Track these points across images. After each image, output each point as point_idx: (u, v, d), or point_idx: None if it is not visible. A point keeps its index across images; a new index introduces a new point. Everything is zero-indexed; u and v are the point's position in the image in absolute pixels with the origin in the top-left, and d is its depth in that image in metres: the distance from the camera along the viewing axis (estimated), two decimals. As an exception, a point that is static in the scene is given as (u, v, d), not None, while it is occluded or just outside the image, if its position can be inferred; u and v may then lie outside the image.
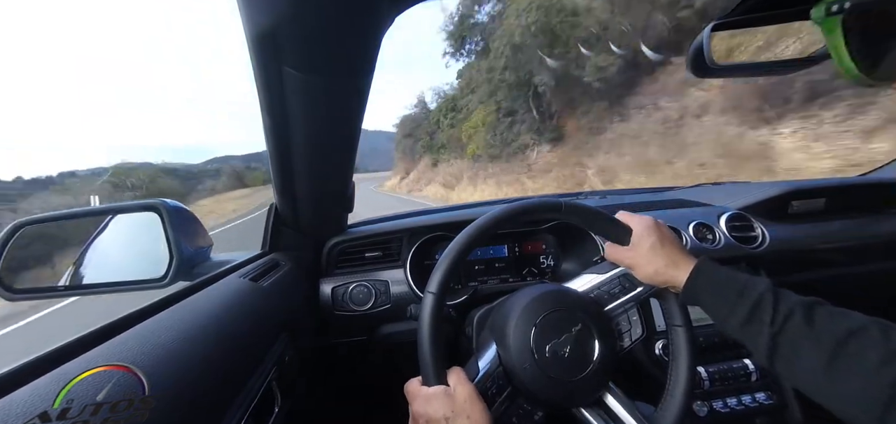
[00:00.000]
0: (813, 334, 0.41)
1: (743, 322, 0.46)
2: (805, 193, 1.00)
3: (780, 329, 0.43)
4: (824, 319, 0.42)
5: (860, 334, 0.39)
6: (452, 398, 0.45)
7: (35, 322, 4.62)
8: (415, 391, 0.48)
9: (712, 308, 0.50)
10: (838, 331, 0.40)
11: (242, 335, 0.54)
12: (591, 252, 0.91)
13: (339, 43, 0.42)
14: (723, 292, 0.49)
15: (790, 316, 0.43)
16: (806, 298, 0.44)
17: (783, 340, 0.42)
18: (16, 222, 0.63)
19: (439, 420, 0.44)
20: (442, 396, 0.45)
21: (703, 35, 0.55)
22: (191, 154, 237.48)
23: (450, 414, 0.44)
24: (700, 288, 0.51)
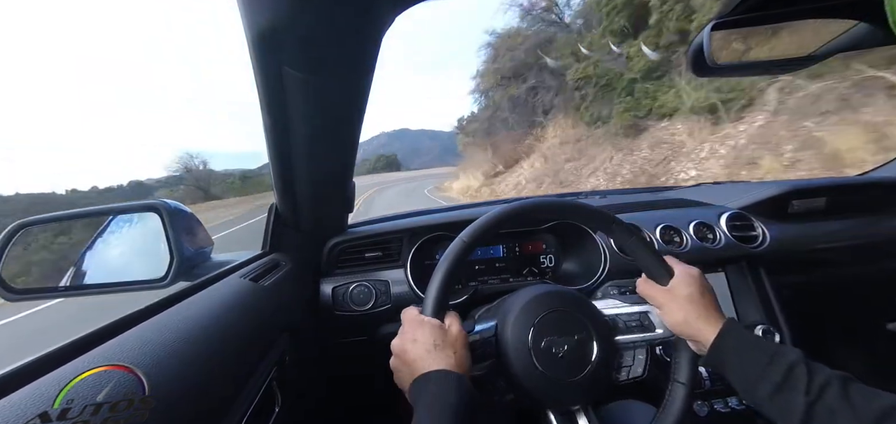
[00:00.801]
0: (849, 407, 0.40)
1: (775, 388, 0.44)
2: (805, 193, 1.00)
3: (817, 398, 0.42)
4: (860, 395, 0.41)
5: (894, 414, 0.39)
6: (445, 331, 0.49)
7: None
8: (412, 314, 0.52)
9: (739, 370, 0.48)
10: (875, 409, 0.40)
11: (243, 335, 0.54)
12: (591, 252, 0.91)
13: (339, 43, 0.42)
14: (753, 356, 0.47)
15: (826, 386, 0.42)
16: (839, 372, 0.44)
17: (820, 410, 0.42)
18: (16, 222, 0.63)
19: (427, 343, 0.48)
20: (436, 326, 0.49)
21: (703, 34, 0.55)
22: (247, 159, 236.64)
23: (439, 343, 0.48)
24: (728, 349, 0.49)
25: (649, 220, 0.94)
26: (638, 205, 1.05)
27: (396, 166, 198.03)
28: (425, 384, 0.45)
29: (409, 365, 0.48)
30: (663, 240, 0.91)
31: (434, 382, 0.45)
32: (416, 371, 0.47)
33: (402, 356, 0.49)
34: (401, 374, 0.50)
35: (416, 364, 0.47)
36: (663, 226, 0.93)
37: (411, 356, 0.48)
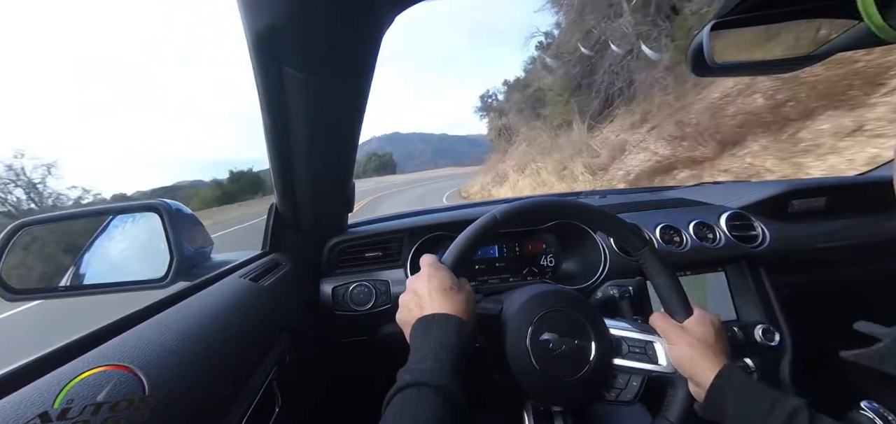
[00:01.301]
0: None
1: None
2: (805, 192, 1.00)
3: None
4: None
5: None
6: (458, 283, 0.52)
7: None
8: (431, 258, 0.55)
9: (739, 414, 0.47)
10: None
11: (243, 335, 0.54)
12: (591, 252, 0.91)
13: (339, 43, 0.42)
14: (753, 401, 0.46)
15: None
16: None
17: None
18: (16, 222, 0.64)
19: (442, 285, 0.50)
20: (452, 274, 0.53)
21: (703, 33, 0.55)
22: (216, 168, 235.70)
23: (453, 288, 0.51)
24: (727, 392, 0.48)
25: (649, 220, 0.94)
26: (637, 204, 1.05)
27: (392, 168, 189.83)
28: (429, 324, 0.47)
29: (419, 302, 0.50)
30: (663, 240, 0.91)
31: (437, 323, 0.47)
32: (425, 309, 0.49)
33: (414, 291, 0.52)
34: (407, 312, 0.52)
35: (425, 301, 0.49)
36: (663, 226, 0.93)
37: (423, 293, 0.50)
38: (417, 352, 0.45)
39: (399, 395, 0.41)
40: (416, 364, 0.44)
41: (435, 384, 0.41)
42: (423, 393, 0.40)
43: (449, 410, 0.40)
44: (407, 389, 0.41)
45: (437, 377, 0.41)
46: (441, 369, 0.42)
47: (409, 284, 0.54)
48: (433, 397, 0.40)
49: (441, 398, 0.40)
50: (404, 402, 0.41)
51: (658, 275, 0.58)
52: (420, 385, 0.41)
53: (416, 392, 0.41)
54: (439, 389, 0.40)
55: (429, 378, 0.41)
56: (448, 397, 0.40)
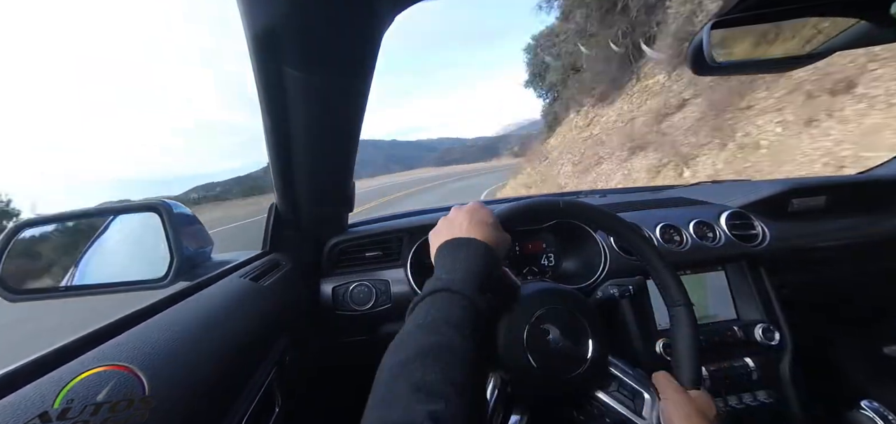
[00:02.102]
0: None
1: None
2: (805, 191, 1.00)
3: None
4: None
5: None
6: (499, 227, 0.53)
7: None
8: (479, 201, 0.57)
9: None
10: None
11: (243, 335, 0.54)
12: (591, 251, 0.91)
13: (339, 43, 0.42)
14: None
15: None
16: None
17: None
18: (17, 223, 0.64)
19: (486, 218, 0.52)
20: (496, 218, 0.53)
21: (703, 32, 0.54)
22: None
23: (495, 225, 0.52)
24: None
25: (649, 219, 0.94)
26: (637, 204, 1.05)
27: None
28: (458, 246, 0.48)
29: (454, 225, 0.51)
30: (663, 239, 0.91)
31: (467, 246, 0.47)
32: (459, 231, 0.50)
33: (451, 218, 0.53)
34: (439, 233, 0.53)
35: (462, 225, 0.50)
36: (663, 225, 0.93)
37: (461, 218, 0.51)
38: (443, 267, 0.46)
39: (427, 298, 0.42)
40: (441, 276, 0.44)
41: (462, 292, 0.41)
42: (454, 298, 0.41)
43: (474, 316, 0.40)
44: (435, 293, 0.42)
45: (466, 288, 0.42)
46: (467, 281, 0.43)
47: (452, 210, 0.55)
48: (459, 301, 0.41)
49: (469, 304, 0.41)
50: (432, 303, 0.41)
51: (687, 338, 0.56)
52: (451, 292, 0.41)
53: (446, 296, 0.41)
54: (467, 297, 0.41)
55: (459, 286, 0.42)
56: (472, 304, 0.41)
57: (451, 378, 0.33)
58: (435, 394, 0.31)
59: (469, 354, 0.37)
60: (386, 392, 0.33)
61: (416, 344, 0.37)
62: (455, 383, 0.33)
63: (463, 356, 0.36)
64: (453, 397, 0.31)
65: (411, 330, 0.39)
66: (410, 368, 0.34)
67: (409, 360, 0.35)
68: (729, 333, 0.84)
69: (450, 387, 0.32)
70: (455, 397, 0.31)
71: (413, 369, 0.34)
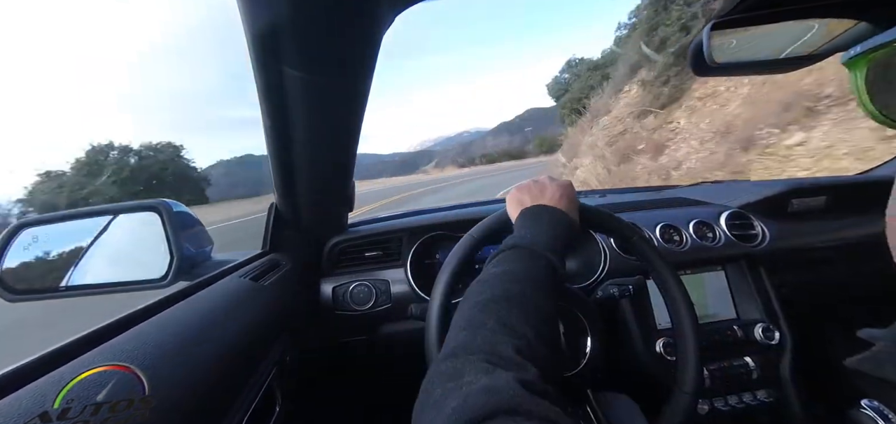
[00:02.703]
0: None
1: None
2: (805, 191, 1.00)
3: None
4: None
5: None
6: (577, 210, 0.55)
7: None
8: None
9: None
10: None
11: (243, 335, 0.54)
12: (591, 251, 0.91)
13: (339, 42, 0.42)
14: None
15: None
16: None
17: None
18: (17, 222, 0.63)
19: (571, 195, 0.54)
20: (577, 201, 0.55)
21: (703, 33, 0.54)
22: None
23: (575, 202, 0.54)
24: None
25: (649, 220, 0.94)
26: (637, 204, 1.05)
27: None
28: (543, 211, 0.50)
29: (547, 193, 0.53)
30: (663, 239, 0.91)
31: (552, 214, 0.49)
32: (549, 199, 0.52)
33: (541, 183, 0.55)
34: (526, 193, 0.54)
35: (556, 196, 0.52)
36: (663, 225, 0.93)
37: (553, 189, 0.53)
38: (526, 226, 0.48)
39: (511, 251, 0.43)
40: (527, 234, 0.46)
41: (542, 252, 0.43)
42: (533, 255, 0.43)
43: (554, 275, 0.42)
44: (515, 249, 0.44)
45: (546, 248, 0.44)
46: (549, 244, 0.44)
47: (540, 178, 0.57)
48: (541, 260, 0.42)
49: (548, 263, 0.42)
50: (513, 257, 0.43)
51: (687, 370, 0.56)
52: (529, 249, 0.43)
53: (524, 253, 0.43)
54: (545, 256, 0.43)
55: (542, 249, 0.43)
56: (552, 266, 0.42)
57: (532, 324, 0.35)
58: (519, 333, 0.33)
59: (547, 309, 0.39)
60: (473, 318, 0.35)
61: (502, 288, 0.39)
62: (536, 328, 0.35)
63: (543, 309, 0.38)
64: (535, 340, 0.33)
65: (497, 274, 0.41)
66: (498, 306, 0.36)
67: (496, 299, 0.37)
68: (729, 332, 0.84)
69: (532, 330, 0.34)
70: (536, 340, 0.33)
71: (499, 307, 0.36)
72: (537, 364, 0.31)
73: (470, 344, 0.32)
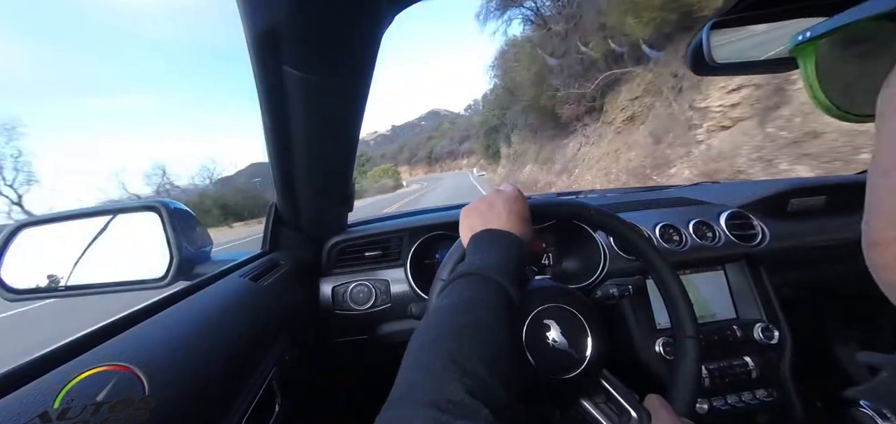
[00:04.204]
0: None
1: None
2: (804, 191, 1.00)
3: None
4: None
5: None
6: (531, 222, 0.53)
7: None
8: (518, 189, 0.56)
9: None
10: None
11: (242, 335, 0.54)
12: (591, 251, 0.91)
13: (339, 42, 0.42)
14: None
15: None
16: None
17: None
18: (17, 223, 0.64)
19: (520, 211, 0.51)
20: (530, 212, 0.53)
21: (703, 33, 0.54)
22: None
23: (527, 219, 0.52)
24: None
25: (648, 219, 0.94)
26: (636, 204, 1.05)
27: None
28: (496, 235, 0.48)
29: (491, 213, 0.51)
30: (663, 239, 0.91)
31: (504, 238, 0.47)
32: (491, 223, 0.49)
33: (491, 203, 0.53)
34: (475, 215, 0.52)
35: (501, 215, 0.50)
36: (662, 225, 0.93)
37: (501, 207, 0.51)
38: (477, 253, 0.46)
39: (461, 279, 0.42)
40: (478, 260, 0.44)
41: (495, 278, 0.41)
42: (486, 282, 0.41)
43: (511, 307, 0.40)
44: (467, 277, 0.42)
45: (498, 274, 0.42)
46: (502, 270, 0.42)
47: (488, 195, 0.54)
48: (494, 286, 0.40)
49: (500, 290, 0.40)
50: (465, 286, 0.41)
51: (687, 368, 0.56)
52: (481, 275, 0.41)
53: (477, 280, 0.41)
54: (499, 283, 0.41)
55: (491, 273, 0.41)
56: (506, 293, 0.40)
57: (485, 358, 0.33)
58: (469, 371, 0.31)
59: (503, 338, 0.36)
60: (419, 360, 0.33)
61: (452, 321, 0.36)
62: (489, 362, 0.33)
63: (498, 338, 0.36)
64: (488, 377, 0.31)
65: (446, 305, 0.39)
66: (446, 342, 0.34)
67: (444, 335, 0.35)
68: (728, 332, 0.84)
69: (485, 367, 0.32)
70: (490, 377, 0.31)
71: (448, 344, 0.33)
72: (492, 402, 0.29)
73: (416, 389, 0.30)
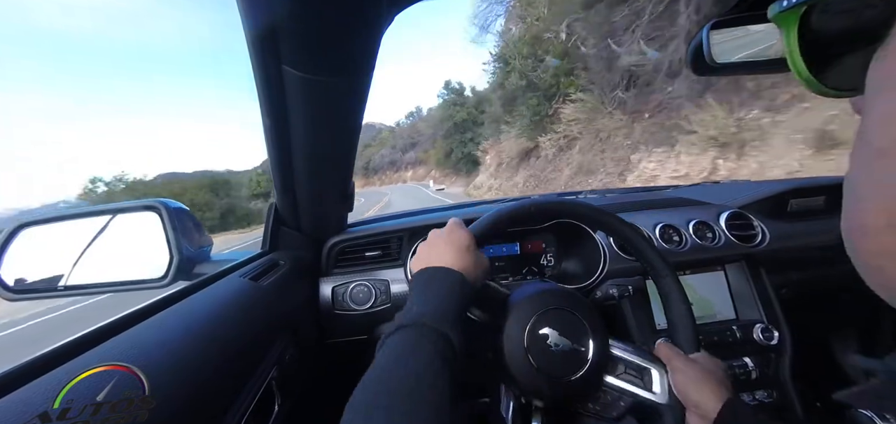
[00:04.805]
0: None
1: None
2: (804, 191, 1.00)
3: None
4: None
5: None
6: (476, 248, 0.53)
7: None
8: (458, 220, 0.56)
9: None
10: None
11: (242, 335, 0.54)
12: (591, 251, 0.91)
13: (339, 42, 0.42)
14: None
15: None
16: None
17: None
18: (17, 223, 0.63)
19: (461, 243, 0.51)
20: (473, 240, 0.53)
21: (703, 33, 0.54)
22: None
23: (471, 249, 0.51)
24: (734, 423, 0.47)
25: (648, 220, 0.94)
26: (636, 204, 1.05)
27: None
28: (433, 275, 0.48)
29: (431, 252, 0.51)
30: (663, 240, 0.91)
31: (440, 276, 0.47)
32: (432, 260, 0.49)
33: (432, 242, 0.53)
34: (418, 259, 0.52)
35: (439, 252, 0.50)
36: (662, 225, 0.93)
37: (439, 243, 0.51)
38: (416, 298, 0.46)
39: (395, 334, 0.41)
40: (413, 308, 0.44)
41: (433, 326, 0.40)
42: (422, 332, 0.40)
43: (446, 351, 0.39)
44: (404, 329, 0.41)
45: (436, 321, 0.41)
46: (440, 315, 0.42)
47: (429, 236, 0.54)
48: (432, 336, 0.40)
49: (438, 338, 0.40)
50: (401, 340, 0.40)
51: (677, 305, 0.57)
52: (418, 326, 0.41)
53: (413, 332, 0.40)
54: (436, 331, 0.40)
55: (428, 320, 0.41)
56: (445, 339, 0.40)
57: (422, 419, 0.33)
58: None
59: (439, 393, 0.36)
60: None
61: (387, 384, 0.36)
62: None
63: (433, 395, 0.35)
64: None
65: (383, 366, 0.38)
66: (379, 410, 0.34)
67: (379, 402, 0.35)
68: (728, 333, 0.84)
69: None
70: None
71: (382, 410, 0.33)
72: None
73: None
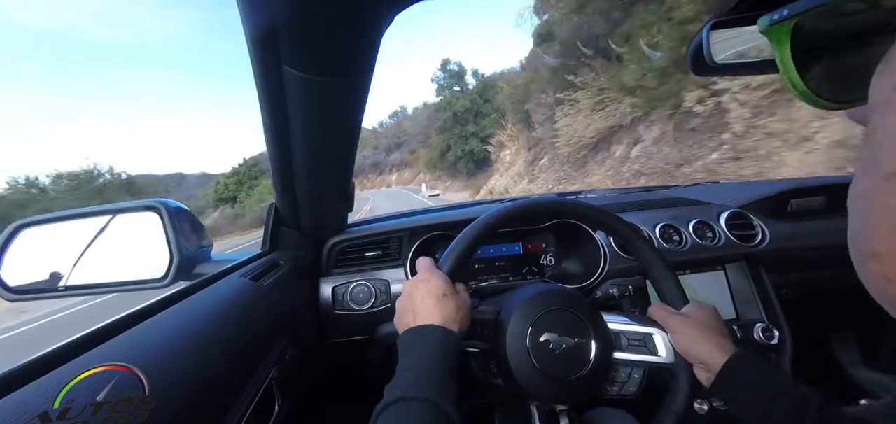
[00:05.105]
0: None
1: (787, 416, 0.43)
2: (804, 191, 1.00)
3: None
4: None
5: None
6: (452, 289, 0.53)
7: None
8: (427, 263, 0.55)
9: (749, 400, 0.47)
10: None
11: (242, 335, 0.54)
12: (591, 251, 0.91)
13: (339, 42, 0.42)
14: (764, 387, 0.46)
15: (838, 421, 0.41)
16: (853, 409, 0.43)
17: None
18: (17, 223, 0.63)
19: (436, 291, 0.50)
20: (448, 280, 0.53)
21: (703, 33, 0.54)
22: None
23: (447, 294, 0.51)
24: (738, 377, 0.48)
25: (648, 219, 0.94)
26: (637, 204, 1.05)
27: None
28: (417, 336, 0.47)
29: (412, 309, 0.50)
30: (663, 239, 0.91)
31: (425, 335, 0.47)
32: (416, 318, 0.49)
33: (409, 296, 0.52)
34: (401, 319, 0.52)
35: (418, 308, 0.50)
36: (663, 225, 0.93)
37: (417, 298, 0.51)
38: (404, 363, 0.46)
39: (387, 410, 0.41)
40: (403, 376, 0.44)
41: (422, 396, 0.41)
42: (411, 407, 0.40)
43: (437, 420, 0.40)
44: (394, 404, 0.41)
45: (424, 389, 0.41)
46: (427, 381, 0.42)
47: (405, 288, 0.54)
48: (420, 408, 0.40)
49: (428, 409, 0.40)
50: (393, 417, 0.41)
51: (655, 268, 0.59)
52: (407, 399, 0.41)
53: (403, 406, 0.41)
54: (426, 401, 0.41)
55: (415, 391, 0.41)
56: (435, 408, 0.40)
57: None
58: None
59: None
60: None
61: None
62: None
63: None
64: None
65: None
66: None
67: None
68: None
69: None
70: None
71: None
72: None
73: None
